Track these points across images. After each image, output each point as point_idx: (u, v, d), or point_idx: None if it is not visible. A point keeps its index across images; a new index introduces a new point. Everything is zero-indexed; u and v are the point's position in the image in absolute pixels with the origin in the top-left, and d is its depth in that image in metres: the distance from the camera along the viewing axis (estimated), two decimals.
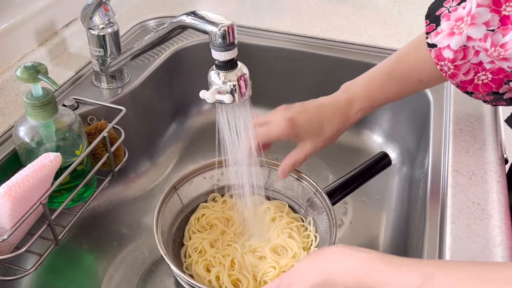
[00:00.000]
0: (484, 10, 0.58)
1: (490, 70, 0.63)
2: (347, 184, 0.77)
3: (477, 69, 0.63)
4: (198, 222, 0.76)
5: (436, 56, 0.64)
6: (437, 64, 0.65)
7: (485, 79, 0.64)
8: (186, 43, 1.03)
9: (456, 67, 0.64)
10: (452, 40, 0.62)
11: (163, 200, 0.72)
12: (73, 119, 0.72)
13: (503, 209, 0.62)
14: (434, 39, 0.64)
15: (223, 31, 0.62)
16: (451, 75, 0.65)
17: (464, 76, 0.64)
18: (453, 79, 0.66)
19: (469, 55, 0.62)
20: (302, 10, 1.11)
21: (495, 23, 0.58)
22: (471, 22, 0.59)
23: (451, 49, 0.62)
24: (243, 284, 0.67)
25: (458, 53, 0.62)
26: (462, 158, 0.70)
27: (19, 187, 0.60)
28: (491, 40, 0.58)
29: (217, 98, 0.64)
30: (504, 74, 0.62)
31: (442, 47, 0.63)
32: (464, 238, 0.58)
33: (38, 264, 0.66)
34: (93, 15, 0.83)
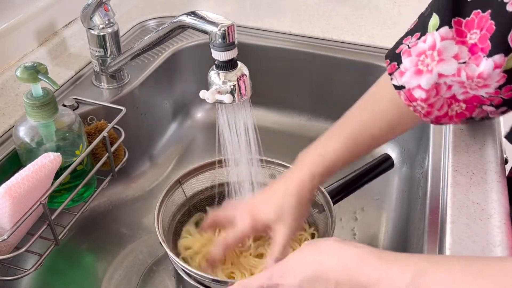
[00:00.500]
0: (450, 43, 0.55)
1: (463, 100, 0.60)
2: (348, 184, 0.77)
3: (450, 102, 0.61)
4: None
5: (406, 98, 0.60)
6: (409, 106, 0.61)
7: (458, 109, 0.61)
8: (186, 43, 1.03)
9: (430, 105, 0.60)
10: (422, 79, 0.58)
11: (167, 192, 0.72)
12: (73, 119, 0.72)
13: (503, 209, 0.62)
14: (400, 79, 0.60)
15: (223, 31, 0.62)
16: (425, 114, 0.61)
17: (438, 112, 0.61)
18: (428, 117, 0.62)
19: (442, 91, 0.59)
20: (302, 10, 1.11)
21: (465, 54, 0.55)
22: (439, 58, 0.56)
23: (422, 89, 0.59)
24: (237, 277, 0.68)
25: (430, 91, 0.59)
26: (462, 158, 0.70)
27: (19, 187, 0.60)
28: (465, 73, 0.56)
29: (217, 98, 0.64)
30: (478, 100, 0.59)
31: (412, 88, 0.59)
32: (464, 238, 0.58)
33: (38, 264, 0.66)
34: (93, 15, 0.83)
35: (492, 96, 0.57)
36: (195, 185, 0.78)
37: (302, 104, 1.08)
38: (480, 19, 0.54)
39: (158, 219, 0.69)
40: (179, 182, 0.75)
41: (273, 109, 1.09)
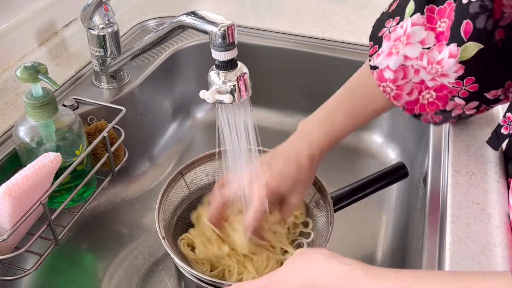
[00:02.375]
0: (419, 29, 0.59)
1: (433, 88, 0.62)
2: (357, 191, 0.77)
3: (420, 88, 0.63)
4: None
5: (378, 78, 0.64)
6: (379, 86, 0.65)
7: (429, 97, 0.63)
8: (186, 43, 1.03)
9: (399, 88, 0.63)
10: (390, 61, 0.62)
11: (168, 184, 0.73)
12: (73, 119, 0.72)
13: (503, 209, 0.62)
14: (376, 60, 0.64)
15: (223, 31, 0.62)
16: (395, 97, 0.65)
17: (408, 96, 0.64)
18: (397, 101, 0.65)
19: (410, 75, 0.62)
20: (302, 10, 1.11)
21: (431, 40, 0.58)
22: (407, 41, 0.59)
23: (390, 69, 0.62)
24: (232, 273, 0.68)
25: (398, 73, 0.62)
26: (462, 158, 0.70)
27: (19, 187, 0.60)
28: (427, 58, 0.59)
29: (217, 98, 0.64)
30: (447, 90, 0.61)
31: (383, 68, 0.63)
32: (464, 238, 0.58)
33: (38, 264, 0.66)
34: (93, 15, 0.83)
35: (456, 87, 0.59)
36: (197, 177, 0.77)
37: (302, 104, 1.07)
38: (451, 9, 0.56)
39: (159, 214, 0.69)
40: (180, 173, 0.75)
41: (273, 109, 1.09)
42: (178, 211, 0.75)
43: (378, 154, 1.03)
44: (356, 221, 0.92)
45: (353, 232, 0.91)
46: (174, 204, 0.74)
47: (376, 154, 1.03)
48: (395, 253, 0.85)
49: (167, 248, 0.65)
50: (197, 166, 0.77)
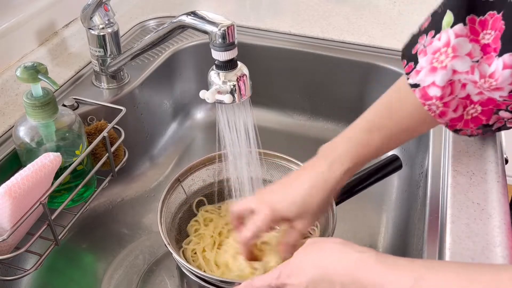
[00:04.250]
0: (464, 40, 0.55)
1: (479, 102, 0.59)
2: (354, 185, 0.77)
3: (465, 104, 0.60)
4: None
5: (421, 96, 0.59)
6: (424, 105, 0.60)
7: (474, 112, 0.60)
8: (186, 43, 1.03)
9: (445, 104, 0.59)
10: (436, 76, 0.57)
11: (167, 192, 0.73)
12: (73, 119, 0.72)
13: (503, 209, 0.62)
14: (416, 78, 0.59)
15: (223, 31, 0.62)
16: (440, 114, 0.60)
17: (454, 113, 0.60)
18: (442, 118, 0.61)
19: (457, 90, 0.58)
20: (302, 10, 1.11)
21: (477, 53, 0.55)
22: (453, 54, 0.56)
23: (437, 86, 0.58)
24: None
25: (445, 89, 0.58)
26: (462, 158, 0.70)
27: (19, 187, 0.60)
28: (478, 71, 0.55)
29: (217, 98, 0.64)
30: (494, 104, 0.59)
31: (427, 85, 0.59)
32: (464, 238, 0.58)
33: (38, 264, 0.66)
34: (93, 15, 0.83)
35: (507, 100, 0.57)
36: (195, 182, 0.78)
37: (302, 104, 1.07)
38: (495, 20, 0.54)
39: (161, 220, 0.69)
40: (178, 180, 0.75)
41: (273, 109, 1.09)
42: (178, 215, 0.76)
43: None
44: (356, 221, 0.92)
45: (353, 232, 0.91)
46: (174, 209, 0.75)
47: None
48: (395, 253, 0.85)
49: (172, 251, 0.65)
50: (194, 172, 0.78)
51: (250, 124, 0.69)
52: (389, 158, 0.80)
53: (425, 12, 0.76)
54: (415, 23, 1.09)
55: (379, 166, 0.79)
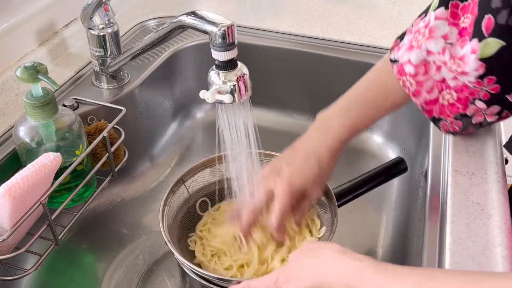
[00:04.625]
0: (443, 23, 0.58)
1: (454, 88, 0.61)
2: (358, 186, 0.77)
3: (441, 87, 0.62)
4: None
5: (398, 72, 0.64)
6: (399, 79, 0.64)
7: (450, 98, 0.63)
8: (186, 43, 1.03)
9: (419, 83, 0.63)
10: (412, 54, 0.61)
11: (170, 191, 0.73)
12: (73, 119, 0.72)
13: (503, 209, 0.62)
14: (396, 54, 0.64)
15: (223, 31, 0.62)
16: (414, 93, 0.64)
17: (428, 94, 0.63)
18: (416, 98, 0.64)
19: (431, 71, 0.61)
20: (302, 10, 1.11)
21: (454, 36, 0.58)
22: (429, 35, 0.59)
23: (411, 64, 0.62)
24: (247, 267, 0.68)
25: (419, 68, 0.61)
26: (462, 158, 0.70)
27: (19, 187, 0.60)
28: (449, 52, 0.58)
29: (217, 98, 0.64)
30: (468, 91, 0.61)
31: (404, 62, 0.63)
32: (464, 238, 0.58)
33: (38, 264, 0.66)
34: (93, 15, 0.83)
35: (477, 87, 0.59)
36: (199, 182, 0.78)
37: (302, 104, 1.07)
38: (474, 5, 0.56)
39: (163, 219, 0.69)
40: (182, 180, 0.75)
41: (273, 109, 1.09)
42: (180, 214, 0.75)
43: (378, 154, 1.03)
44: (356, 221, 0.92)
45: (353, 232, 0.91)
46: (176, 208, 0.74)
47: (376, 154, 1.03)
48: (395, 253, 0.85)
49: (173, 249, 0.65)
50: (198, 172, 0.77)
51: (250, 124, 0.69)
52: (394, 161, 0.80)
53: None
54: None
55: (384, 168, 0.79)
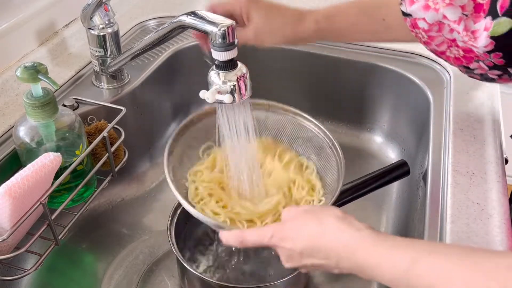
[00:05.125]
0: None
1: (462, 48, 0.63)
2: (359, 188, 0.77)
3: (450, 44, 0.64)
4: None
5: (411, 25, 0.65)
6: (412, 31, 0.65)
7: (456, 54, 0.64)
8: (186, 43, 1.03)
9: (430, 38, 0.64)
10: (427, 14, 0.62)
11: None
12: (73, 119, 0.72)
13: (503, 209, 0.62)
14: (409, 8, 0.64)
15: (223, 31, 0.62)
16: (425, 43, 0.66)
17: (437, 47, 0.65)
18: (427, 46, 0.66)
19: (444, 31, 0.62)
20: None
21: (470, 8, 0.58)
22: (449, 1, 0.59)
23: (426, 22, 0.63)
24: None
25: (433, 26, 0.63)
26: (462, 158, 0.70)
27: (19, 187, 0.60)
28: (464, 24, 0.59)
29: (217, 98, 0.64)
30: (474, 54, 0.62)
31: (418, 18, 0.63)
32: (464, 238, 0.58)
33: (38, 264, 0.66)
34: (93, 15, 0.83)
35: (482, 57, 0.60)
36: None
37: (302, 104, 1.07)
38: None
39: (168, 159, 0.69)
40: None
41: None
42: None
43: (378, 154, 1.03)
44: None
45: None
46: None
47: (376, 154, 1.03)
48: None
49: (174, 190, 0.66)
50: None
51: (250, 124, 0.69)
52: (397, 164, 0.80)
53: None
54: None
55: (386, 170, 0.79)
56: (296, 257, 0.54)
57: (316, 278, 0.83)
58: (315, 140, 0.75)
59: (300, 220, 0.55)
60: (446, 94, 0.86)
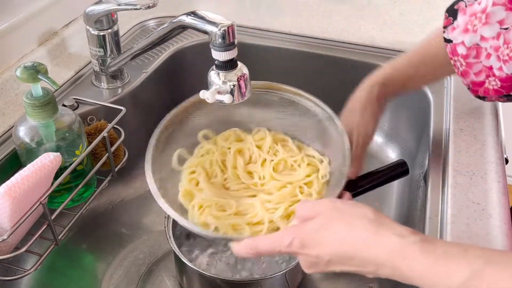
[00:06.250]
0: (499, 9, 0.59)
1: (499, 78, 0.63)
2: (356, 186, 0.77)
3: (488, 73, 0.64)
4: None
5: (451, 52, 0.66)
6: (451, 59, 0.66)
7: (495, 85, 0.64)
8: (186, 43, 1.03)
9: (468, 65, 0.65)
10: (466, 37, 0.63)
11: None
12: (73, 119, 0.72)
13: (503, 209, 0.62)
14: (451, 34, 0.65)
15: (223, 31, 0.62)
16: (463, 73, 0.66)
17: (475, 77, 0.65)
18: (464, 78, 0.66)
19: (481, 56, 0.63)
20: (302, 10, 1.11)
21: (510, 21, 0.59)
22: (485, 21, 0.60)
23: (464, 45, 0.64)
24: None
25: (471, 50, 0.63)
26: (462, 158, 0.70)
27: (19, 187, 0.60)
28: (503, 38, 0.60)
29: (217, 98, 0.64)
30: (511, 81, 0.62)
31: (457, 43, 0.64)
32: (464, 238, 0.58)
33: (38, 264, 0.66)
34: (99, 19, 0.82)
35: None
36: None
37: None
38: None
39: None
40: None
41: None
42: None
43: (378, 154, 1.03)
44: None
45: None
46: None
47: (376, 154, 1.03)
48: None
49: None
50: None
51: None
52: (396, 163, 0.79)
53: (425, 12, 0.76)
54: (415, 23, 1.09)
55: (384, 169, 0.78)
56: (322, 264, 0.47)
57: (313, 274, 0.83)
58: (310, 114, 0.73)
59: (324, 220, 0.47)
60: (446, 94, 0.86)
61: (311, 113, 0.71)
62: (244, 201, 0.65)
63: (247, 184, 0.68)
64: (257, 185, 0.68)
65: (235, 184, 0.68)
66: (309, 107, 0.72)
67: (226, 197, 0.66)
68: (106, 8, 0.80)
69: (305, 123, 0.73)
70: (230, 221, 0.62)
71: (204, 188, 0.66)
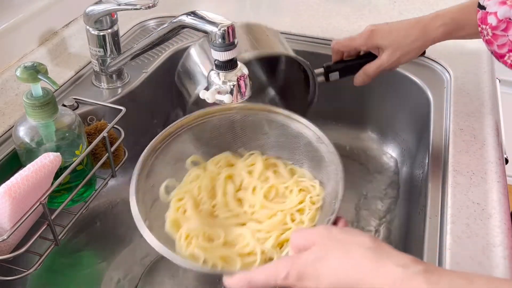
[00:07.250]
0: None
1: None
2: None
3: (511, 48, 0.66)
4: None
5: (480, 19, 0.67)
6: (479, 26, 0.67)
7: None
8: (186, 43, 1.03)
9: (494, 36, 0.66)
10: (500, 9, 0.64)
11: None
12: (73, 119, 0.72)
13: (503, 209, 0.62)
14: (487, 1, 0.66)
15: (223, 31, 0.62)
16: (488, 41, 0.67)
17: (498, 48, 0.67)
18: (488, 45, 0.68)
19: (510, 30, 0.65)
20: (302, 10, 1.11)
21: None
22: None
23: (496, 17, 0.65)
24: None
25: (501, 23, 0.65)
26: (462, 158, 0.70)
27: (19, 187, 0.60)
28: None
29: (217, 98, 0.64)
30: None
31: (490, 12, 0.65)
32: (464, 238, 0.58)
33: (38, 264, 0.66)
34: (99, 19, 0.82)
35: None
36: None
37: None
38: None
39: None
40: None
41: None
42: None
43: (378, 154, 1.03)
44: (356, 221, 0.92)
45: None
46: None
47: (376, 154, 1.03)
48: None
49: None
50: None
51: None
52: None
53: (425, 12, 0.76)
54: None
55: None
56: None
57: None
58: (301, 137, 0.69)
59: (319, 250, 0.45)
60: (446, 94, 0.86)
61: (302, 135, 0.68)
62: (233, 231, 0.62)
63: (237, 212, 0.65)
64: (247, 213, 0.64)
65: (224, 211, 0.65)
66: (300, 129, 0.68)
67: (214, 226, 0.63)
68: (106, 8, 0.80)
69: (297, 145, 0.69)
70: (219, 252, 0.59)
71: (191, 216, 0.64)
